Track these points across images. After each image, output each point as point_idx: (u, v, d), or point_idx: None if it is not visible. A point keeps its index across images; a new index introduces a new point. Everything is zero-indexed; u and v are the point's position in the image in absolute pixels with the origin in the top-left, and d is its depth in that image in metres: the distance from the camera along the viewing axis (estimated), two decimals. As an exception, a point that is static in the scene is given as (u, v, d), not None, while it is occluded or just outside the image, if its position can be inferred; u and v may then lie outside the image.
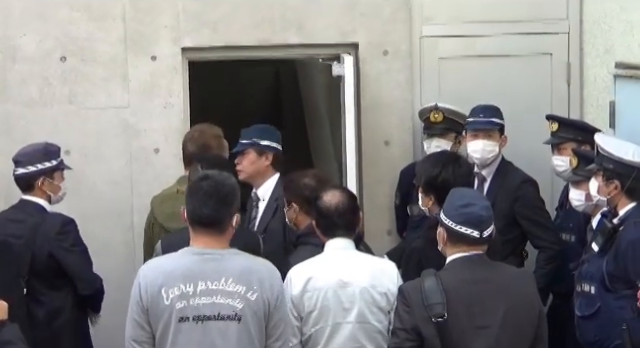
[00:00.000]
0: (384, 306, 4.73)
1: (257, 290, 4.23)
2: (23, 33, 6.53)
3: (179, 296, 4.19)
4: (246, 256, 4.37)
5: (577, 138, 6.02)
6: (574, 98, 6.83)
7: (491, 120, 6.14)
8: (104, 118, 6.57)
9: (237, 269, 4.25)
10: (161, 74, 6.62)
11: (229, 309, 4.21)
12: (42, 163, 5.69)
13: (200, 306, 4.20)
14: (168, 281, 4.21)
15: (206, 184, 4.27)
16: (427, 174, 5.08)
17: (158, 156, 6.60)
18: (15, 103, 6.54)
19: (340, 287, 4.70)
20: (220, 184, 4.29)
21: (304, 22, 6.70)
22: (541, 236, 5.94)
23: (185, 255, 4.29)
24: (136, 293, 4.25)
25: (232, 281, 4.22)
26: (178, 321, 4.20)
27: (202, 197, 4.25)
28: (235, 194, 4.33)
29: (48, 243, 5.57)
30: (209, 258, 4.25)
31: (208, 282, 4.21)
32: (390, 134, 6.80)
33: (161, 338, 4.23)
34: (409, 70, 6.78)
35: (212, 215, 4.24)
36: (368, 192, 6.76)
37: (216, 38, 6.66)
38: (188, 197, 4.31)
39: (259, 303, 4.23)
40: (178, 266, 4.25)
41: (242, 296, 4.21)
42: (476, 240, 4.37)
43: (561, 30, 6.82)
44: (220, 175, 4.35)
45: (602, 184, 5.15)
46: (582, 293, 5.16)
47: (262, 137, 6.19)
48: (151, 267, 4.32)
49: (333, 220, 4.81)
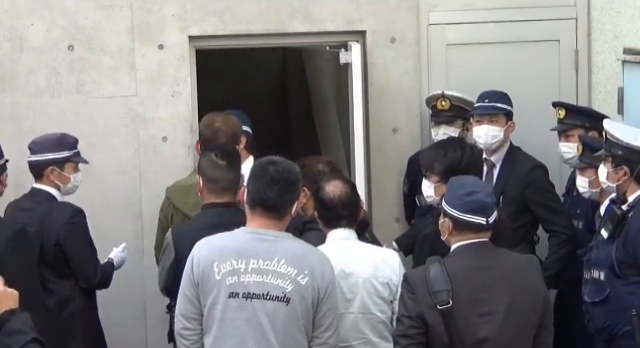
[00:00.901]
0: (386, 296, 4.73)
1: (308, 275, 4.26)
2: (30, 23, 6.53)
3: (230, 271, 4.23)
4: (300, 242, 4.42)
5: (585, 125, 6.00)
6: (582, 84, 6.82)
7: (495, 105, 6.13)
8: (112, 107, 6.58)
9: (290, 252, 4.28)
10: (168, 63, 6.62)
11: (278, 290, 4.23)
12: (53, 152, 5.71)
13: (250, 283, 4.22)
14: (221, 256, 4.24)
15: (273, 169, 4.31)
16: (448, 160, 5.04)
17: (166, 145, 6.61)
18: (23, 93, 6.54)
19: (342, 278, 4.68)
20: (287, 171, 4.33)
21: (311, 10, 6.69)
22: (553, 221, 5.93)
23: (240, 233, 4.33)
24: (188, 268, 4.29)
25: (284, 263, 4.25)
26: (227, 297, 4.23)
27: (268, 181, 4.28)
28: (299, 182, 4.39)
29: (56, 232, 5.58)
30: (263, 238, 4.29)
31: (260, 261, 4.24)
32: (398, 122, 6.79)
33: (209, 313, 4.26)
34: (416, 57, 6.78)
35: (276, 200, 4.29)
36: (376, 180, 6.76)
37: (223, 26, 6.66)
38: (253, 179, 4.33)
39: (308, 289, 4.26)
40: (232, 243, 4.29)
41: (292, 278, 4.24)
42: (482, 227, 4.36)
43: (569, 16, 6.80)
44: (286, 162, 4.39)
45: (611, 170, 5.14)
46: (591, 279, 5.16)
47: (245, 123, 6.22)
48: (205, 243, 4.35)
49: (337, 211, 4.80)
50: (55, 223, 5.59)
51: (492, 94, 6.19)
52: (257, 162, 4.45)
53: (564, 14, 6.80)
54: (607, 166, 5.17)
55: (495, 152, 6.17)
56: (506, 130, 6.16)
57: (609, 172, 5.16)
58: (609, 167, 5.15)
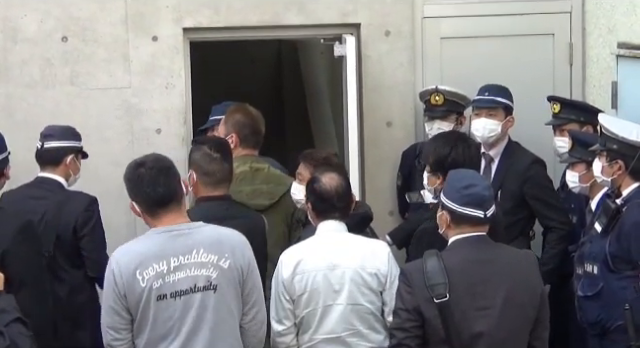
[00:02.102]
0: (375, 287, 4.72)
1: (229, 258, 4.29)
2: (24, 13, 6.51)
3: (154, 276, 4.22)
4: (213, 226, 4.41)
5: (579, 119, 6.01)
6: (576, 78, 6.83)
7: (494, 99, 6.14)
8: (106, 99, 6.56)
9: (207, 240, 4.30)
10: (162, 54, 6.60)
11: (204, 280, 4.26)
12: (74, 141, 5.78)
13: (176, 282, 4.23)
14: (141, 263, 4.23)
15: (145, 169, 4.30)
16: (437, 153, 5.08)
17: (160, 137, 6.60)
18: (17, 84, 6.53)
19: (330, 269, 4.70)
20: (157, 161, 4.34)
21: (305, 2, 6.68)
22: (551, 216, 5.94)
23: (153, 235, 4.32)
24: (110, 280, 4.26)
25: (203, 251, 4.27)
26: (156, 300, 4.23)
27: (149, 181, 4.28)
28: (173, 165, 4.38)
29: (74, 220, 5.61)
30: (176, 234, 4.28)
31: (180, 257, 4.25)
32: (392, 115, 6.79)
33: (141, 320, 4.25)
34: (411, 51, 6.77)
35: (167, 191, 4.29)
36: (370, 173, 6.76)
37: (217, 18, 6.64)
38: (135, 188, 4.32)
39: (233, 271, 4.29)
40: (149, 247, 4.27)
41: (215, 265, 4.27)
42: (480, 220, 4.36)
43: (563, 10, 6.81)
44: (151, 156, 4.41)
45: (606, 164, 5.14)
46: (584, 273, 5.16)
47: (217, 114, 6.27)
48: (123, 253, 4.32)
49: (332, 203, 4.80)
50: (73, 211, 5.62)
51: (492, 87, 6.19)
52: (127, 172, 4.39)
53: (558, 8, 6.80)
54: (602, 160, 5.17)
55: (494, 146, 6.18)
56: (504, 124, 6.15)
57: (604, 166, 5.16)
58: (604, 161, 5.16)
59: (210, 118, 6.37)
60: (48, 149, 5.72)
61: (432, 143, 5.27)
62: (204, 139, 5.53)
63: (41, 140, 5.76)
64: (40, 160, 5.75)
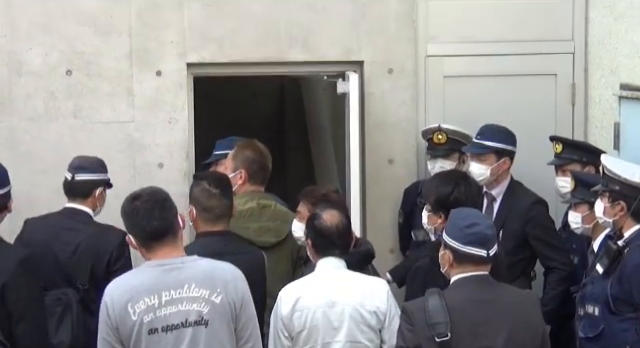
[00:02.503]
0: (374, 324, 4.72)
1: (222, 292, 4.27)
2: (29, 47, 6.54)
3: (145, 309, 4.22)
4: (207, 260, 4.40)
5: (581, 159, 6.02)
6: (578, 119, 6.84)
7: (482, 143, 6.12)
8: (109, 133, 6.58)
9: (199, 274, 4.29)
10: (166, 89, 6.63)
11: (196, 314, 4.25)
12: (102, 174, 5.82)
13: (167, 316, 4.23)
14: (133, 297, 4.24)
15: (141, 201, 4.32)
16: (438, 192, 5.09)
17: (162, 171, 6.61)
18: (20, 117, 6.54)
19: (329, 306, 4.70)
20: (153, 194, 4.35)
21: (309, 39, 6.71)
22: (553, 257, 5.93)
23: (146, 269, 4.33)
24: (104, 313, 4.27)
25: (195, 286, 4.26)
26: (148, 334, 4.22)
27: (144, 214, 4.29)
28: (170, 199, 4.39)
29: (109, 254, 5.60)
30: (169, 268, 4.28)
31: (172, 291, 4.25)
32: (394, 152, 6.80)
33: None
34: (414, 89, 6.79)
35: (162, 225, 4.29)
36: (371, 210, 6.76)
37: (221, 54, 6.67)
38: (131, 221, 4.33)
39: (225, 305, 4.27)
40: (142, 280, 4.28)
41: (207, 299, 4.26)
42: (483, 259, 4.36)
43: (566, 50, 6.83)
44: (148, 188, 4.43)
45: (608, 205, 5.14)
46: (586, 315, 5.15)
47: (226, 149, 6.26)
48: (116, 286, 4.34)
49: (332, 240, 4.81)
50: (108, 245, 5.60)
51: (486, 130, 6.19)
52: (123, 206, 4.41)
53: (561, 48, 6.83)
54: (604, 201, 5.17)
55: (495, 186, 6.17)
56: (495, 168, 6.12)
57: (606, 207, 5.15)
58: (606, 202, 5.15)
59: (214, 152, 6.39)
60: (79, 181, 5.72)
61: (433, 182, 5.28)
62: (204, 174, 5.54)
63: (71, 172, 5.75)
64: (70, 192, 5.75)
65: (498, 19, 6.80)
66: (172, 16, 6.62)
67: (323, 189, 5.51)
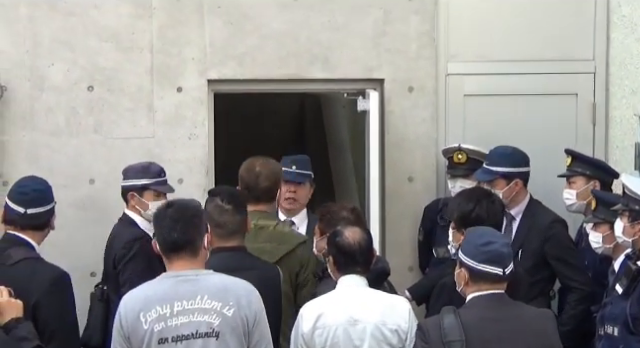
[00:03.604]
0: (395, 343, 4.69)
1: (234, 306, 4.26)
2: (51, 62, 6.58)
3: (156, 318, 4.23)
4: (222, 276, 4.40)
5: (585, 173, 6.07)
6: (599, 139, 6.82)
7: (490, 169, 6.13)
8: (129, 148, 6.61)
9: (212, 287, 4.29)
10: (187, 105, 6.65)
11: (206, 326, 4.24)
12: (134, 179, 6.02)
13: (178, 326, 4.23)
14: (145, 306, 4.25)
15: (171, 210, 4.33)
16: (461, 209, 5.11)
17: (182, 187, 6.61)
18: (42, 132, 6.59)
19: (350, 324, 4.67)
20: (184, 208, 4.36)
21: (330, 57, 6.73)
22: (572, 277, 5.90)
23: (160, 280, 4.34)
24: (117, 322, 4.30)
25: (207, 298, 4.26)
26: (158, 343, 4.22)
27: (169, 223, 4.30)
28: (200, 216, 4.39)
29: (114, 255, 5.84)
30: (183, 280, 4.29)
31: (184, 302, 4.25)
32: (414, 170, 6.80)
33: None
34: (434, 107, 6.79)
35: (182, 238, 4.29)
36: (391, 228, 6.75)
37: (242, 71, 6.70)
38: (156, 227, 4.37)
39: (237, 319, 4.26)
40: (154, 291, 4.30)
41: (218, 312, 4.25)
42: (499, 277, 4.35)
43: (587, 70, 6.82)
44: (183, 200, 4.45)
45: (628, 225, 5.11)
46: (605, 335, 5.12)
47: (310, 169, 6.34)
48: (130, 296, 4.36)
49: (355, 257, 4.79)
50: (119, 243, 5.85)
51: (493, 155, 6.20)
52: (156, 210, 4.49)
53: (583, 68, 6.82)
54: (624, 221, 5.15)
55: (515, 205, 6.16)
56: (507, 191, 6.12)
57: (626, 226, 5.13)
58: (626, 222, 5.13)
59: (297, 171, 6.29)
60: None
61: (456, 199, 5.32)
62: (217, 190, 5.53)
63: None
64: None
65: (519, 38, 6.80)
66: (193, 33, 6.65)
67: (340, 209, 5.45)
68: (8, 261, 5.05)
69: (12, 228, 5.17)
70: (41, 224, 5.20)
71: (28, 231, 5.16)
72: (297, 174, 6.21)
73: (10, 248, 5.11)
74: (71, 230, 6.25)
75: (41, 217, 5.18)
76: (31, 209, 5.16)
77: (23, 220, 5.14)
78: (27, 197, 5.18)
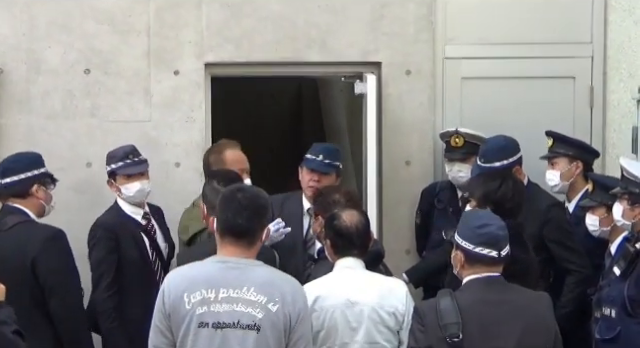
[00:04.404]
0: (392, 326, 4.72)
1: (279, 302, 4.22)
2: (48, 45, 6.57)
3: (200, 301, 4.21)
4: (270, 269, 4.38)
5: (567, 154, 6.12)
6: (596, 122, 6.82)
7: (485, 166, 6.06)
8: (126, 131, 6.59)
9: (260, 279, 4.25)
10: (184, 89, 6.64)
11: (249, 318, 4.20)
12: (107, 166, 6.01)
13: (220, 313, 4.20)
14: (190, 287, 4.23)
15: (241, 196, 4.29)
16: (487, 187, 5.14)
17: (179, 170, 6.62)
18: (38, 115, 6.58)
19: (347, 307, 4.70)
20: (255, 196, 4.31)
21: (327, 40, 6.72)
22: (570, 259, 5.90)
23: (209, 263, 4.31)
24: (159, 299, 4.28)
25: (254, 290, 4.22)
26: (198, 326, 4.20)
27: (237, 207, 4.25)
28: (268, 207, 4.36)
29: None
30: (232, 266, 4.26)
31: (230, 289, 4.22)
32: (411, 154, 6.80)
33: (181, 344, 4.24)
34: (431, 90, 6.79)
35: (245, 226, 4.25)
36: (388, 211, 6.75)
37: (239, 54, 6.68)
38: (221, 207, 4.30)
39: (279, 315, 4.21)
40: (201, 273, 4.27)
41: (263, 306, 4.21)
42: (494, 260, 4.35)
43: (585, 54, 6.81)
44: (254, 188, 4.40)
45: (627, 208, 5.13)
46: (602, 317, 5.14)
47: (341, 161, 6.27)
48: (175, 274, 4.36)
49: (352, 240, 4.81)
50: None
51: (486, 152, 6.15)
52: (225, 190, 4.44)
53: (580, 52, 6.81)
54: (623, 203, 5.16)
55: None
56: None
57: (625, 209, 5.14)
58: (625, 205, 5.14)
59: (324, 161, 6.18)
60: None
61: (479, 178, 5.37)
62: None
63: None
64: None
65: (516, 21, 6.79)
66: (191, 16, 6.63)
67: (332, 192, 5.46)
68: (4, 227, 5.31)
69: (4, 200, 5.48)
70: (20, 192, 5.44)
71: (16, 200, 5.42)
72: (323, 164, 6.13)
73: (6, 217, 5.38)
74: (68, 213, 6.24)
75: (16, 185, 5.42)
76: (6, 179, 5.45)
77: (5, 190, 5.44)
78: (1, 168, 5.48)
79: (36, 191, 5.45)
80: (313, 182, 6.10)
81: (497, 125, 6.38)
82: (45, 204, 5.51)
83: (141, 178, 5.96)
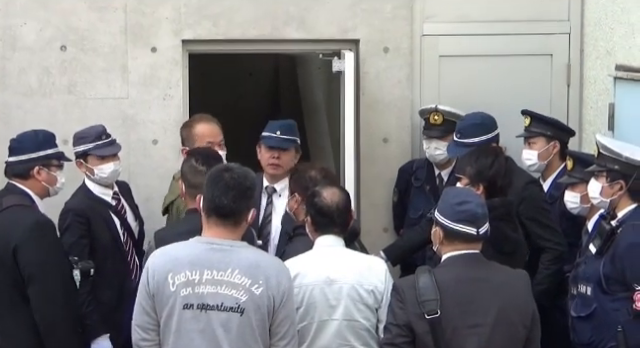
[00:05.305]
0: (371, 304, 4.72)
1: (262, 285, 4.22)
2: (24, 22, 6.52)
3: (184, 283, 4.21)
4: (255, 250, 4.38)
5: (546, 133, 6.14)
6: (573, 99, 6.84)
7: (463, 142, 6.06)
8: (103, 109, 6.57)
9: (244, 262, 4.25)
10: (161, 66, 6.62)
11: (232, 300, 4.20)
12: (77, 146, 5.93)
13: (204, 294, 4.20)
14: (175, 267, 4.23)
15: (228, 175, 4.27)
16: (480, 164, 5.19)
17: (156, 148, 6.61)
18: (14, 92, 6.54)
19: (327, 284, 4.69)
20: (242, 177, 4.29)
21: (305, 17, 6.70)
22: (546, 237, 5.91)
23: (194, 243, 4.30)
24: (144, 278, 4.28)
25: (238, 273, 4.21)
26: (182, 308, 4.21)
27: (223, 187, 4.24)
28: (254, 189, 4.36)
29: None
30: (217, 248, 4.25)
31: (214, 271, 4.21)
32: (389, 132, 6.80)
33: (165, 325, 4.25)
34: (409, 68, 6.78)
35: (231, 206, 4.24)
36: (365, 189, 6.76)
37: (217, 31, 6.66)
38: (208, 186, 4.29)
39: (263, 298, 4.22)
40: (186, 254, 4.26)
41: (247, 289, 4.21)
42: (473, 237, 4.37)
43: (562, 31, 6.83)
44: (241, 168, 4.35)
45: (606, 185, 5.13)
46: (578, 294, 5.16)
47: (298, 136, 6.23)
48: (160, 254, 4.34)
49: (333, 218, 4.80)
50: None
51: (463, 129, 6.15)
52: (213, 169, 4.42)
53: (557, 29, 6.82)
54: (601, 181, 5.16)
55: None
56: None
57: (604, 187, 5.14)
58: (603, 182, 5.15)
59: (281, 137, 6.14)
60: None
61: (471, 156, 5.35)
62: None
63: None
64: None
65: (494, -1, 6.80)
66: (168, -8, 6.60)
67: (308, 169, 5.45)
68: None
69: (9, 178, 5.48)
70: (22, 173, 5.41)
71: (19, 180, 5.43)
72: (281, 140, 6.10)
73: (5, 196, 5.36)
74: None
75: (17, 166, 5.42)
76: (10, 157, 5.47)
77: (9, 169, 5.47)
78: (9, 147, 5.48)
79: (37, 173, 5.41)
80: (273, 159, 6.07)
81: (475, 103, 6.39)
82: (48, 186, 5.47)
83: (114, 159, 5.92)
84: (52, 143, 5.55)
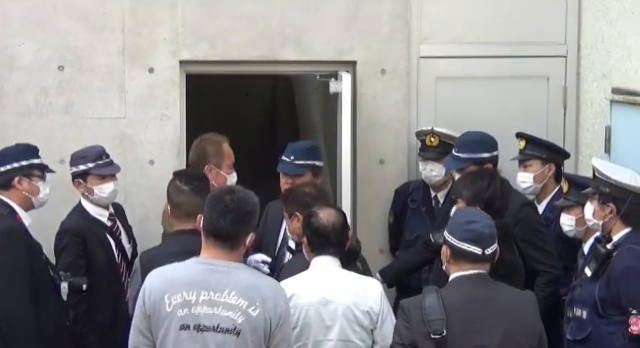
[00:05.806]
0: (366, 324, 4.73)
1: (259, 307, 4.19)
2: (21, 42, 6.53)
3: (181, 304, 4.19)
4: (252, 272, 4.36)
5: (542, 156, 6.14)
6: (570, 122, 6.86)
7: (460, 156, 6.07)
8: (100, 129, 6.57)
9: (241, 283, 4.22)
10: (158, 86, 6.62)
11: (229, 322, 4.17)
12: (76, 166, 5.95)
13: (201, 315, 4.18)
14: (171, 288, 4.20)
15: (229, 198, 4.24)
16: (477, 186, 5.21)
17: (153, 168, 6.61)
18: (11, 112, 6.54)
19: (322, 305, 4.70)
20: (243, 200, 4.26)
21: (302, 38, 6.71)
22: (541, 260, 5.90)
23: (192, 264, 4.28)
24: (140, 299, 4.26)
25: (235, 294, 4.19)
26: (179, 329, 4.18)
27: (222, 210, 4.22)
28: (255, 213, 4.31)
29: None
30: (214, 269, 4.23)
31: (211, 292, 4.19)
32: (385, 153, 6.81)
33: (161, 345, 4.22)
34: (406, 89, 6.80)
35: (228, 229, 4.22)
36: (362, 210, 6.76)
37: (214, 52, 6.67)
38: (208, 207, 4.27)
39: (260, 320, 4.19)
40: (183, 274, 4.24)
41: (243, 310, 4.18)
42: (478, 257, 4.37)
43: (559, 54, 6.85)
44: (243, 191, 4.32)
45: (597, 208, 5.15)
46: (574, 317, 5.16)
47: (318, 158, 6.21)
48: (157, 274, 4.32)
49: (329, 239, 4.81)
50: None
51: (463, 142, 6.16)
52: (215, 190, 4.41)
53: (554, 51, 6.84)
54: (594, 203, 5.18)
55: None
56: None
57: (596, 209, 5.16)
58: (596, 205, 5.16)
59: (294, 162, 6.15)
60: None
61: (466, 179, 5.39)
62: (180, 172, 5.57)
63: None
64: None
65: (491, 21, 6.81)
66: (165, 13, 6.61)
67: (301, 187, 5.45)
68: None
69: None
70: (3, 184, 5.43)
71: (1, 191, 5.43)
72: (294, 166, 6.08)
73: None
74: (41, 209, 6.19)
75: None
76: None
77: None
78: None
79: (18, 183, 5.44)
80: (287, 185, 6.05)
81: (471, 125, 6.38)
82: (30, 195, 5.49)
83: (113, 179, 5.94)
84: (33, 154, 5.57)
